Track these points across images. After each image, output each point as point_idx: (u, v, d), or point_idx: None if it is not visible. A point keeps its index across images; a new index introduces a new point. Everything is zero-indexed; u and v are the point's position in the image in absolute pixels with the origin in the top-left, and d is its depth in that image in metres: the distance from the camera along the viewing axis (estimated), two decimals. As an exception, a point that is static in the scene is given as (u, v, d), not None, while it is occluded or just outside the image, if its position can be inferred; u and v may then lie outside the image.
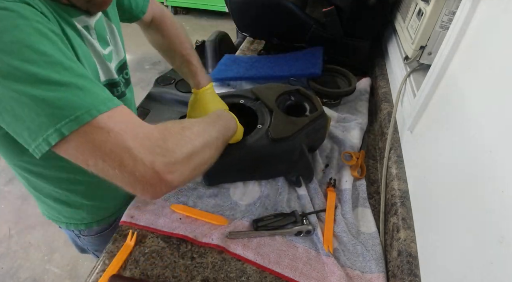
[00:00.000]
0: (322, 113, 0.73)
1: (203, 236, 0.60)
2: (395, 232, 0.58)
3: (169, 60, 0.77)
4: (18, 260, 1.60)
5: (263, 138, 0.66)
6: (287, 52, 1.13)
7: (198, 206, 0.66)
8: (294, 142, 0.67)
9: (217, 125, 0.52)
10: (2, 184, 1.98)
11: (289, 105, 0.78)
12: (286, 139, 0.66)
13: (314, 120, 0.71)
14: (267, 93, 0.77)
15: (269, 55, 1.16)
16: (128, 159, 0.34)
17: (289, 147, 0.67)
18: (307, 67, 0.97)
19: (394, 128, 0.78)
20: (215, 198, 0.68)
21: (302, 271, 0.56)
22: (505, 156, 0.36)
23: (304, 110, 0.76)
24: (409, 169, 0.67)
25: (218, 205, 0.67)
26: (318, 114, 0.72)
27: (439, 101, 0.60)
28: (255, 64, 1.05)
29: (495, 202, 0.36)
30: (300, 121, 0.70)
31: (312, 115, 0.71)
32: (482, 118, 0.43)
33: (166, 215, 0.64)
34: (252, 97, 0.77)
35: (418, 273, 0.50)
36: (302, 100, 0.78)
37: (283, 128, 0.68)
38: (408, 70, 0.85)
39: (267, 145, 0.66)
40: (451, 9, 0.71)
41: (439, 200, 0.50)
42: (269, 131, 0.67)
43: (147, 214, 0.63)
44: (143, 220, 0.62)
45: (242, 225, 0.63)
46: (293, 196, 0.69)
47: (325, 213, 0.66)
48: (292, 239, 0.61)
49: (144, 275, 0.55)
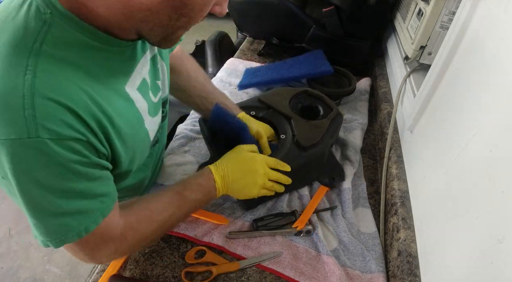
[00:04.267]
0: (338, 111, 0.72)
1: (204, 235, 0.60)
2: (395, 232, 0.58)
3: (185, 99, 0.73)
4: (18, 260, 1.60)
5: (292, 150, 0.64)
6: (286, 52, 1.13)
7: None
8: (323, 146, 0.66)
9: (185, 206, 0.54)
10: (2, 184, 1.98)
11: (302, 108, 0.76)
12: (316, 145, 0.65)
13: (333, 119, 0.70)
14: (278, 100, 0.74)
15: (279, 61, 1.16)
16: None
17: (320, 152, 0.66)
18: (318, 66, 0.97)
19: (394, 128, 0.78)
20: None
21: (303, 270, 0.56)
22: (505, 156, 0.36)
23: (318, 111, 0.75)
24: (409, 169, 0.67)
25: (219, 204, 0.67)
26: (336, 114, 0.71)
27: (439, 101, 0.60)
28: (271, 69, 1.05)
29: (495, 202, 0.36)
30: (322, 124, 0.68)
31: (330, 115, 0.71)
32: (482, 118, 0.43)
33: None
34: (262, 106, 0.74)
35: (418, 273, 0.50)
36: (313, 102, 0.77)
37: (310, 135, 0.66)
38: (408, 70, 0.85)
39: (298, 155, 0.63)
40: (451, 9, 0.71)
41: (439, 200, 0.50)
42: (297, 140, 0.65)
43: None
44: None
45: (242, 224, 0.63)
46: (294, 196, 0.69)
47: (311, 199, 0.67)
48: (292, 239, 0.61)
49: (144, 275, 0.55)
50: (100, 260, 0.48)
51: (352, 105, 0.98)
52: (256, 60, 1.23)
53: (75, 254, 0.45)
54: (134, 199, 0.52)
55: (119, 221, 0.46)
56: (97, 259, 0.47)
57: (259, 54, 1.27)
